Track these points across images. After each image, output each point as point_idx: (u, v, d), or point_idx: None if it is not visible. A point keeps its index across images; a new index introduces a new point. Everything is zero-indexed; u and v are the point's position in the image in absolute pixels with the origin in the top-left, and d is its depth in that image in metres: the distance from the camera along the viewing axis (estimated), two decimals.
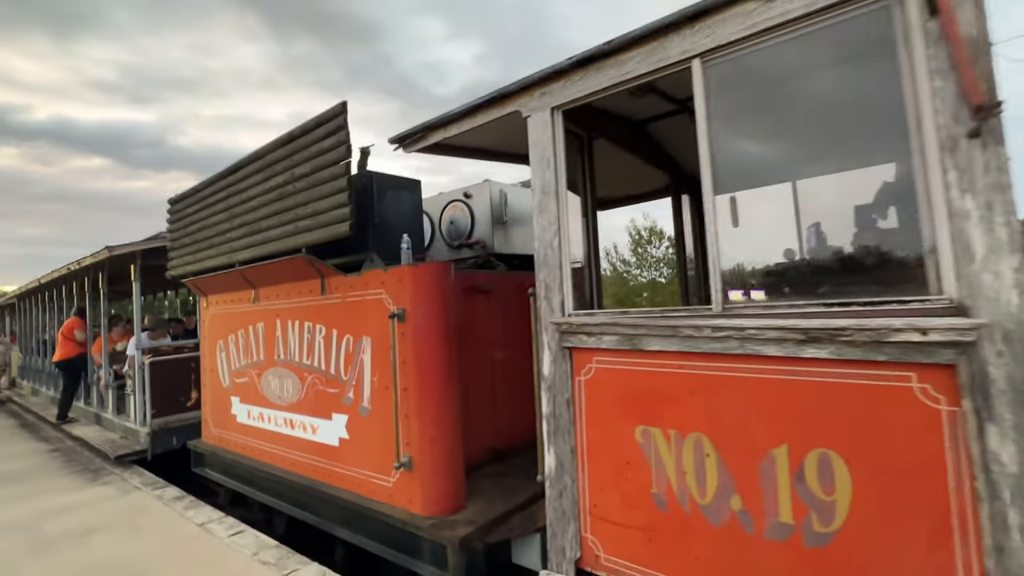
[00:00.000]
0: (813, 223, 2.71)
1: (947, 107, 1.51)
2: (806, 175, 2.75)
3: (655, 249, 22.88)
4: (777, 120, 2.32)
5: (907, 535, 1.56)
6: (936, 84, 1.53)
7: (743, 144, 2.16)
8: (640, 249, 23.46)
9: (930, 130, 1.55)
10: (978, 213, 1.47)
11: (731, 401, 1.88)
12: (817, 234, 2.75)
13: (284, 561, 3.46)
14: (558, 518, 2.36)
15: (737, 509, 1.86)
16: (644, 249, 23.19)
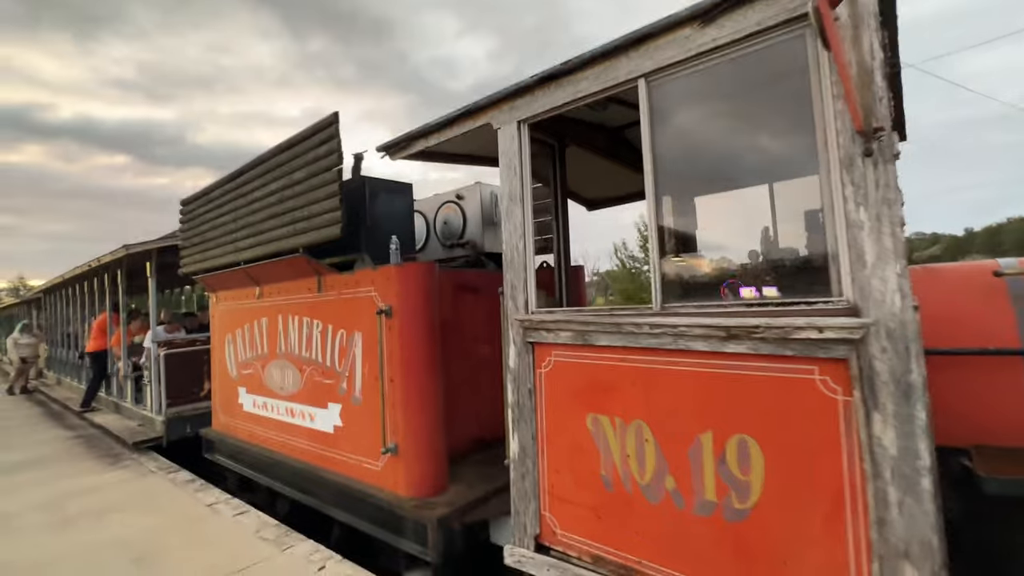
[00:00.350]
0: (759, 228, 2.88)
1: (846, 128, 1.69)
2: (743, 185, 2.92)
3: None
4: (714, 135, 2.50)
5: (808, 510, 1.75)
6: (837, 107, 1.71)
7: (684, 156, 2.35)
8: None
9: (833, 148, 1.73)
10: (870, 224, 1.64)
11: (666, 391, 2.08)
12: (764, 239, 2.91)
13: (282, 538, 3.75)
14: (521, 498, 2.58)
15: (670, 488, 2.06)
16: None
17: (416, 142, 3.28)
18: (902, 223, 1.61)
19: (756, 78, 2.10)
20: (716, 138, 2.51)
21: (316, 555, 3.46)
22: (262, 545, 3.66)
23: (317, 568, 3.29)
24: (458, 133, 3.00)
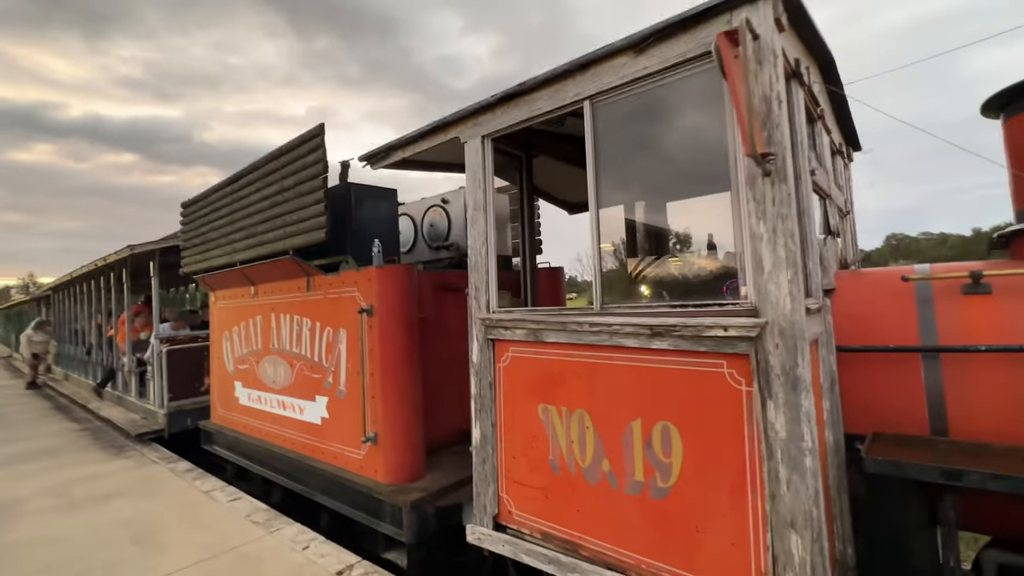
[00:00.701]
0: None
1: None
2: (675, 198, 3.13)
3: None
4: (650, 151, 2.72)
5: (718, 487, 1.98)
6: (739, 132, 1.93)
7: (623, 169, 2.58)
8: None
9: (740, 168, 1.95)
10: (767, 236, 1.87)
11: (604, 383, 2.32)
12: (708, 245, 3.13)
13: (271, 521, 4.01)
14: (481, 481, 2.82)
15: (606, 470, 2.30)
16: None
17: (394, 152, 3.52)
18: (793, 235, 1.83)
19: (682, 102, 2.33)
20: (654, 154, 2.74)
21: (301, 536, 3.72)
22: (253, 528, 3.93)
23: (301, 548, 3.55)
24: (430, 145, 3.24)
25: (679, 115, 2.47)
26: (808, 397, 1.78)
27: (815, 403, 2.08)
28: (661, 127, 2.61)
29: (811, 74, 2.48)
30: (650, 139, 2.67)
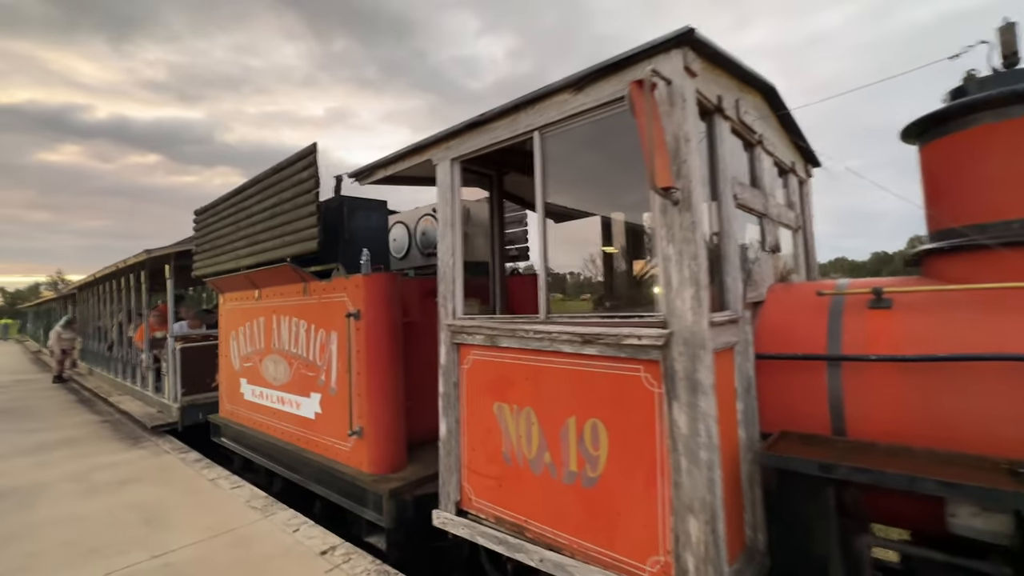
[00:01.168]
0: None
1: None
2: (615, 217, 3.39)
3: None
4: (592, 175, 2.99)
5: (636, 476, 2.25)
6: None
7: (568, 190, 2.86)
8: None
9: (657, 196, 2.22)
10: (675, 257, 2.14)
11: (546, 384, 2.60)
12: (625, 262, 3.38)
13: (268, 507, 4.38)
14: (446, 471, 3.13)
15: (548, 462, 2.59)
16: None
17: (379, 171, 3.85)
18: (696, 257, 2.10)
19: (615, 136, 2.60)
20: (595, 178, 3.00)
21: (293, 520, 4.08)
22: (251, 512, 4.30)
23: (292, 530, 3.90)
24: (409, 165, 3.56)
25: (617, 144, 2.74)
26: (707, 399, 2.05)
27: (728, 404, 2.35)
28: (596, 156, 2.89)
29: (741, 106, 2.73)
30: (598, 163, 2.95)
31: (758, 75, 2.89)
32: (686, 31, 2.10)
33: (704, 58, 2.34)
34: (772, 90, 3.16)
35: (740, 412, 2.43)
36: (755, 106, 3.06)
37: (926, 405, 2.12)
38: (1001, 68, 2.43)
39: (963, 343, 2.10)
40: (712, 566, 2.01)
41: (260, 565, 3.41)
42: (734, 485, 2.32)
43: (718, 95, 2.49)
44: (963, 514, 1.92)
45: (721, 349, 2.28)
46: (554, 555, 2.51)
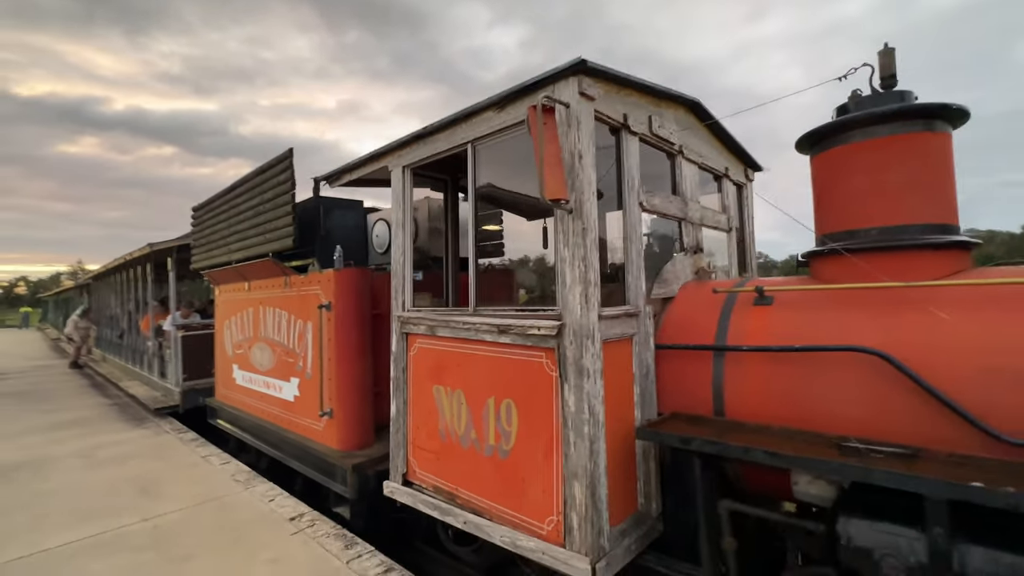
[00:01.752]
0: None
1: None
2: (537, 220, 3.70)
3: None
4: (518, 184, 3.30)
5: (538, 448, 2.59)
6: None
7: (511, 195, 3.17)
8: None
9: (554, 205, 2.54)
10: (568, 259, 2.46)
11: (473, 369, 2.95)
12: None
13: (250, 480, 4.81)
14: (395, 447, 3.50)
15: (473, 437, 2.94)
16: None
17: (345, 175, 4.20)
18: (584, 259, 2.42)
19: None
20: (518, 185, 3.31)
21: (270, 492, 4.50)
22: (234, 484, 4.73)
23: (268, 500, 4.32)
24: (370, 170, 3.90)
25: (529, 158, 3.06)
26: (591, 382, 2.38)
27: (624, 387, 2.68)
28: (519, 166, 3.21)
29: (655, 121, 3.03)
30: (512, 174, 3.28)
31: (675, 92, 3.18)
32: (578, 62, 2.40)
33: (606, 82, 2.65)
34: (697, 104, 3.44)
35: (637, 395, 2.76)
36: (677, 119, 3.34)
37: (785, 390, 2.43)
38: (880, 89, 2.70)
39: (819, 336, 2.40)
40: (591, 524, 2.36)
41: (236, 528, 3.82)
42: (626, 458, 2.66)
43: (624, 113, 2.79)
44: (802, 482, 2.23)
45: (615, 339, 2.61)
46: (476, 517, 2.88)
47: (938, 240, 2.37)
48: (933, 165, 2.47)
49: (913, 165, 2.45)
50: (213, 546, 3.54)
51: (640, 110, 2.94)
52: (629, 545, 2.55)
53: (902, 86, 2.65)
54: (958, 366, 2.02)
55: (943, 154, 2.50)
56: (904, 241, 2.41)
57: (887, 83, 2.68)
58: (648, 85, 2.90)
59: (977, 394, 1.96)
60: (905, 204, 2.45)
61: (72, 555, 3.48)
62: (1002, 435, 1.87)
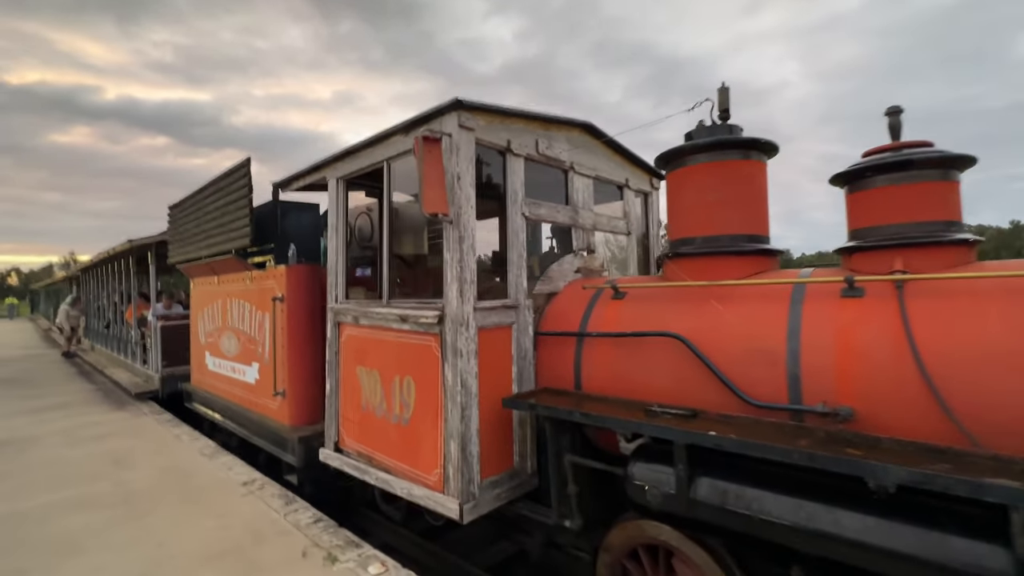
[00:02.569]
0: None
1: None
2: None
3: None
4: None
5: (428, 415, 3.17)
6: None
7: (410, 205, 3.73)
8: None
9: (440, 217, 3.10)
10: (450, 261, 3.03)
11: (385, 351, 3.52)
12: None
13: (214, 454, 5.38)
14: (329, 419, 4.08)
15: (384, 409, 3.52)
16: None
17: (295, 182, 4.75)
18: (460, 261, 2.99)
19: None
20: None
21: (230, 463, 5.08)
22: (200, 458, 5.30)
23: (227, 469, 4.90)
24: (313, 179, 4.45)
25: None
26: (464, 361, 2.96)
27: (502, 366, 3.26)
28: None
29: (542, 143, 3.59)
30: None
31: (564, 118, 3.74)
32: (455, 101, 2.96)
33: (488, 114, 3.20)
34: (590, 126, 4.00)
35: (515, 373, 3.34)
36: (570, 140, 3.91)
37: (620, 367, 3.01)
38: (717, 121, 3.26)
39: (649, 324, 2.98)
40: (462, 475, 2.94)
41: (195, 490, 4.40)
42: (501, 424, 3.24)
43: (508, 139, 3.35)
44: (623, 441, 2.82)
45: (491, 327, 3.18)
46: (385, 474, 3.46)
47: (744, 248, 2.95)
48: (746, 187, 3.04)
49: (730, 187, 3.02)
50: (172, 504, 4.12)
51: (526, 135, 3.50)
52: (499, 494, 3.14)
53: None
54: (730, 347, 2.61)
55: (757, 178, 3.07)
56: (718, 248, 2.98)
57: (723, 116, 3.25)
58: (532, 114, 3.47)
59: (740, 369, 2.55)
60: (722, 218, 3.02)
61: (50, 513, 4.04)
62: (752, 400, 2.46)
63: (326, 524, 3.69)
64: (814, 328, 2.40)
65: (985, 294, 2.09)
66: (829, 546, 1.93)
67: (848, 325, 2.32)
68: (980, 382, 1.94)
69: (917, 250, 2.39)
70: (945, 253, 2.37)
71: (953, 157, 2.44)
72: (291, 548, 3.34)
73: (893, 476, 1.71)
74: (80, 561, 3.28)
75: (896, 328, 2.17)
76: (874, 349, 2.20)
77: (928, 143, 2.56)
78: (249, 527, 3.67)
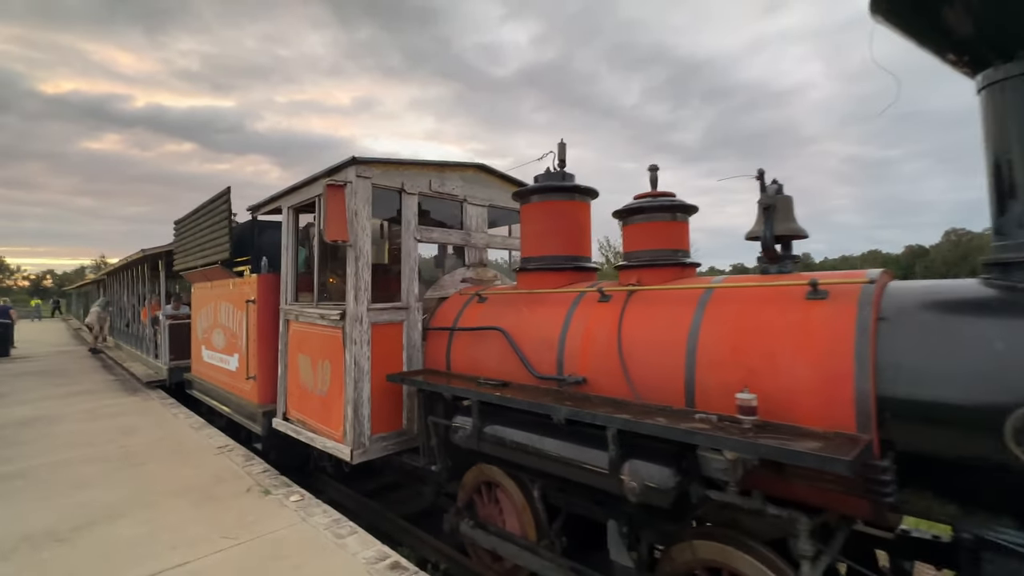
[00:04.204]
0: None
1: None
2: None
3: None
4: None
5: (337, 387, 4.29)
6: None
7: None
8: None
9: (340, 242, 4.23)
10: (350, 273, 4.15)
11: (313, 341, 4.66)
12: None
13: (201, 428, 6.62)
14: (280, 395, 5.24)
15: (312, 383, 4.66)
16: None
17: (262, 207, 5.94)
18: (355, 274, 4.10)
19: None
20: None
21: (213, 434, 6.29)
22: (190, 430, 6.54)
23: (208, 438, 6.11)
24: (273, 207, 5.63)
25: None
26: (359, 347, 4.07)
27: (393, 353, 4.37)
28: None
29: (435, 183, 4.69)
30: None
31: (455, 162, 4.84)
32: (351, 159, 4.09)
33: (384, 165, 4.32)
34: (482, 166, 5.10)
35: (406, 358, 4.44)
36: (464, 178, 5.00)
37: (472, 353, 4.09)
38: (555, 169, 4.32)
39: (494, 320, 4.05)
40: (355, 430, 4.06)
41: (180, 451, 5.61)
42: (392, 395, 4.33)
43: (402, 182, 4.47)
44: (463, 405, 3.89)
45: (384, 323, 4.29)
46: (312, 434, 4.60)
47: (562, 265, 4.00)
48: (570, 221, 4.10)
49: (557, 220, 4.09)
50: (161, 460, 5.33)
51: (420, 178, 4.61)
52: (387, 446, 4.25)
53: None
54: (530, 337, 3.66)
55: (579, 215, 4.14)
56: (545, 265, 4.04)
57: (560, 164, 4.31)
58: (424, 162, 4.58)
59: (535, 352, 3.60)
60: (550, 243, 4.08)
61: (70, 464, 5.29)
62: (537, 374, 3.51)
63: (271, 473, 4.85)
64: (577, 324, 3.45)
65: (667, 300, 3.12)
66: (541, 461, 2.99)
67: (593, 322, 3.36)
68: (642, 359, 2.97)
69: (648, 269, 3.43)
70: (668, 272, 3.41)
71: (678, 205, 3.47)
72: (240, 487, 4.50)
73: (559, 414, 2.77)
74: (87, 492, 4.49)
75: (614, 324, 3.21)
76: (601, 338, 3.24)
77: (671, 194, 3.60)
78: (214, 474, 4.85)
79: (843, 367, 2.26)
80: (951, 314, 2.23)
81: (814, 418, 2.30)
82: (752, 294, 2.79)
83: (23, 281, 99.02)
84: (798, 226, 3.02)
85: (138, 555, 3.37)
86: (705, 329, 2.79)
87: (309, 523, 3.81)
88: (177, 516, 3.96)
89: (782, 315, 2.57)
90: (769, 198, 2.93)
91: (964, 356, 2.08)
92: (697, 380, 2.72)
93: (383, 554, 3.36)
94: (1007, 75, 2.21)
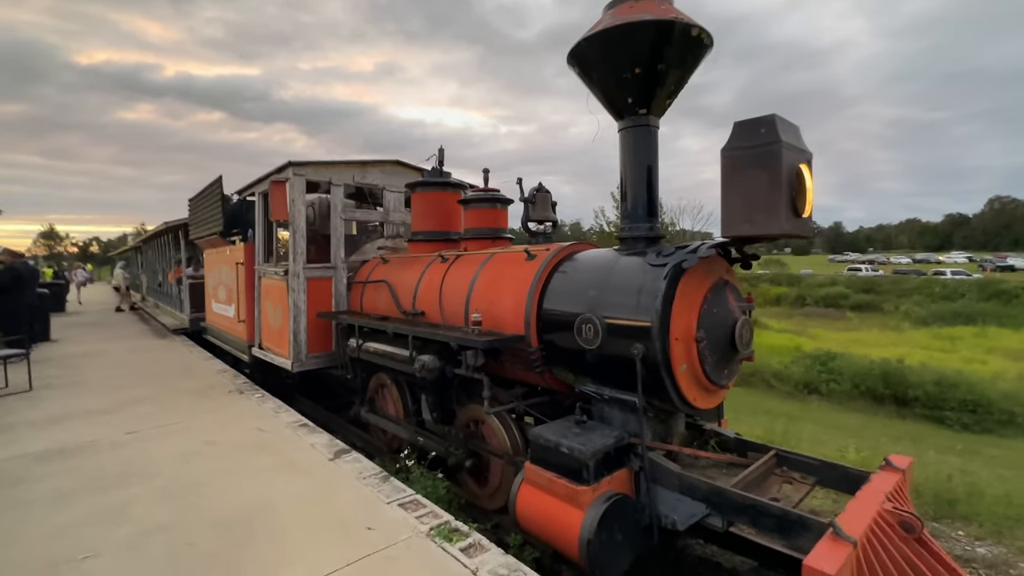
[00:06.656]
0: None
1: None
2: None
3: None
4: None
5: (286, 323, 6.19)
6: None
7: None
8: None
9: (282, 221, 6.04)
10: (291, 243, 5.98)
11: (273, 291, 6.55)
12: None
13: (209, 359, 8.73)
14: (255, 331, 7.21)
15: (272, 321, 6.57)
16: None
17: (245, 191, 7.79)
18: (295, 242, 5.92)
19: None
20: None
21: (217, 363, 8.38)
22: (201, 360, 8.67)
23: (214, 364, 8.19)
24: (249, 192, 7.47)
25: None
26: (298, 294, 5.93)
27: (325, 297, 6.23)
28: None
29: (358, 176, 6.41)
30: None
31: (375, 159, 6.55)
32: (288, 164, 5.85)
33: (315, 166, 6.06)
34: (398, 161, 6.80)
35: (334, 303, 6.29)
36: (383, 171, 6.71)
37: (372, 297, 5.89)
38: (436, 167, 5.98)
39: (387, 276, 5.81)
40: (295, 350, 5.97)
41: (192, 372, 7.71)
42: (325, 329, 6.20)
43: (329, 177, 6.21)
44: None
45: (318, 278, 6.12)
46: (275, 357, 6.55)
47: (432, 237, 5.73)
48: (441, 206, 5.80)
49: (432, 205, 5.80)
50: (175, 375, 7.45)
51: (345, 173, 6.34)
52: (317, 362, 6.16)
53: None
54: (402, 287, 5.43)
55: (449, 202, 5.82)
56: (421, 237, 5.77)
57: (440, 162, 5.97)
58: (348, 161, 6.30)
59: (404, 296, 5.37)
60: (427, 221, 5.80)
61: (113, 378, 7.43)
62: (405, 311, 5.29)
63: (249, 384, 6.88)
64: (426, 277, 5.19)
65: (469, 262, 4.82)
66: (383, 359, 4.83)
67: (433, 275, 5.10)
68: (448, 298, 4.72)
69: (474, 241, 5.14)
70: (487, 243, 5.10)
71: (498, 198, 5.14)
72: (225, 390, 6.54)
73: (389, 329, 4.57)
74: (123, 392, 6.59)
75: (439, 277, 4.95)
76: (433, 285, 4.99)
77: (496, 190, 5.26)
78: (209, 384, 6.91)
79: (523, 296, 3.97)
80: (581, 267, 3.89)
81: (510, 327, 4.02)
82: (505, 257, 4.48)
83: (72, 248, 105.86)
84: (552, 214, 4.68)
85: (153, 420, 5.40)
86: (479, 279, 4.51)
87: (263, 407, 5.80)
88: (179, 402, 6.01)
89: (510, 269, 4.27)
90: (531, 196, 4.59)
91: (569, 288, 3.76)
92: (469, 309, 4.46)
93: (296, 419, 5.29)
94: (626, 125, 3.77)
